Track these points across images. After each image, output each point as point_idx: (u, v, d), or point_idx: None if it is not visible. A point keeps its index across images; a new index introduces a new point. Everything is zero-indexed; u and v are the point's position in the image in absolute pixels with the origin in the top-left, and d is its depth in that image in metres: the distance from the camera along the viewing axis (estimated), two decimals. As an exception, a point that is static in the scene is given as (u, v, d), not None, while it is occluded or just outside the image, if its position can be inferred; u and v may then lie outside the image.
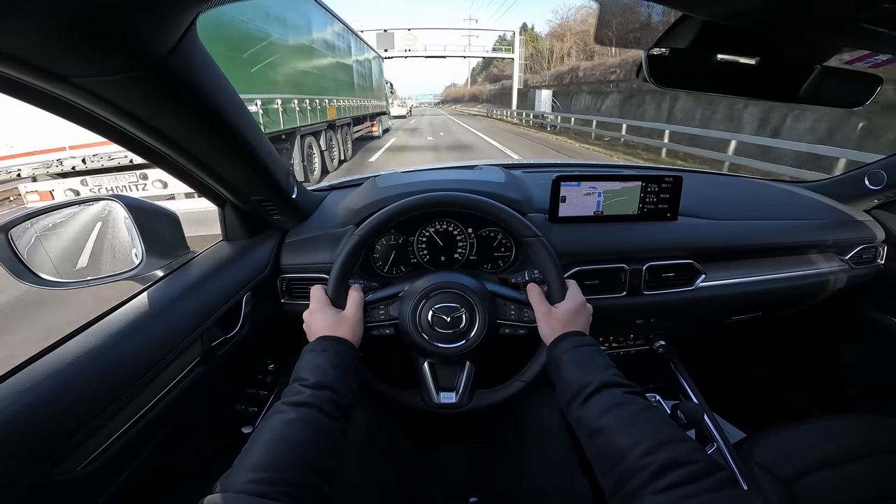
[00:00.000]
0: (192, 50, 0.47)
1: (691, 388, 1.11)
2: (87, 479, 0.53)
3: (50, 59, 0.39)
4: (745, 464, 0.88)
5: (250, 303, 0.85)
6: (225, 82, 0.57)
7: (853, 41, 0.61)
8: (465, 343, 0.75)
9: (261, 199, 0.83)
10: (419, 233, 0.97)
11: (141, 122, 0.52)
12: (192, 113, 0.54)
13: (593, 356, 0.63)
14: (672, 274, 0.99)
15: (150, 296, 0.68)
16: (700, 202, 1.10)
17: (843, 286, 1.14)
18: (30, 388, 0.48)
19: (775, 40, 0.66)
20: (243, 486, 0.42)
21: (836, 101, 0.80)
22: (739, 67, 0.73)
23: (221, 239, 0.92)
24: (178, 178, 0.72)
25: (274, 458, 0.46)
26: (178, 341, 0.66)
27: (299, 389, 0.56)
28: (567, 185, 0.96)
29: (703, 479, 0.41)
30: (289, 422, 0.51)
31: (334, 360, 0.62)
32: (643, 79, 0.73)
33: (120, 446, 0.57)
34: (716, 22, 0.59)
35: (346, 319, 0.70)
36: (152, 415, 0.62)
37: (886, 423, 0.96)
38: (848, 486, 0.84)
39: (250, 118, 0.66)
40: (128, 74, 0.43)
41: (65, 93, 0.44)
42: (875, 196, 1.17)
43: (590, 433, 0.54)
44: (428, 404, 0.77)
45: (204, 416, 0.88)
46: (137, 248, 0.77)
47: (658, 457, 0.45)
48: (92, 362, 0.54)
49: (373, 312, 0.78)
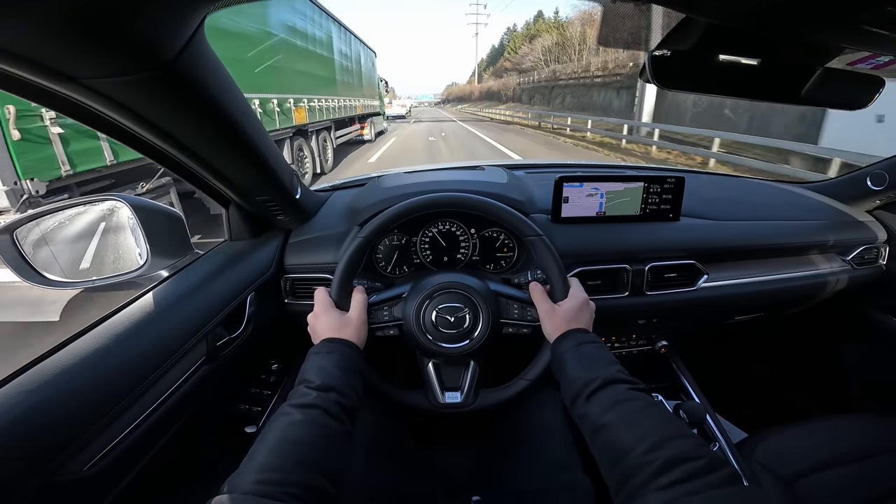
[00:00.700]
0: (200, 51, 0.47)
1: (693, 387, 1.11)
2: (94, 480, 0.53)
3: (61, 61, 0.39)
4: (747, 463, 0.88)
5: (254, 303, 0.85)
6: (232, 84, 0.57)
7: (855, 43, 0.61)
8: (469, 343, 0.75)
9: (265, 200, 0.84)
10: (422, 233, 0.98)
11: (148, 122, 0.53)
12: (200, 114, 0.55)
13: (597, 353, 0.64)
14: (674, 274, 1.00)
15: (155, 296, 0.69)
16: (702, 203, 1.10)
17: (844, 287, 1.14)
18: (37, 388, 0.49)
19: (777, 42, 0.66)
20: (250, 486, 0.42)
21: (838, 103, 0.80)
22: (742, 69, 0.74)
23: (225, 239, 0.92)
24: (183, 178, 0.73)
25: (280, 459, 0.46)
26: (184, 341, 0.66)
27: (305, 391, 0.56)
28: (569, 186, 0.96)
29: (706, 475, 0.42)
30: (294, 423, 0.51)
31: (339, 362, 0.62)
32: (646, 80, 0.74)
33: (126, 446, 0.57)
34: (719, 24, 0.60)
35: (351, 321, 0.70)
36: (157, 415, 0.62)
37: (888, 423, 0.96)
38: (850, 486, 0.84)
39: (256, 119, 0.66)
40: (137, 76, 0.43)
41: (74, 93, 0.44)
42: (877, 197, 1.17)
43: (594, 430, 0.54)
44: (433, 404, 0.77)
45: (208, 416, 0.89)
46: (142, 248, 0.77)
47: (662, 453, 0.45)
48: (98, 362, 0.55)
49: (376, 313, 0.78)
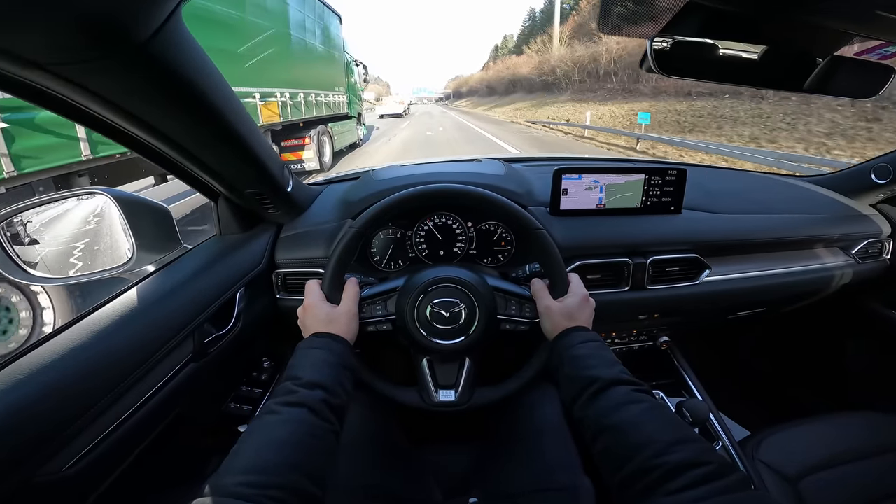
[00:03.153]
0: (175, 36, 0.45)
1: (695, 384, 1.09)
2: (73, 480, 0.51)
3: (22, 45, 0.37)
4: (751, 462, 0.87)
5: (244, 298, 0.83)
6: (214, 72, 0.55)
7: (865, 30, 0.59)
8: (465, 339, 0.74)
9: (255, 193, 0.82)
10: (417, 227, 0.96)
11: (124, 111, 0.50)
12: (177, 103, 0.52)
13: (598, 352, 0.62)
14: (676, 268, 0.98)
15: (140, 291, 0.67)
16: (704, 196, 1.08)
17: (848, 281, 1.13)
18: (12, 386, 0.47)
19: (784, 29, 0.64)
20: (231, 489, 0.41)
21: (844, 92, 0.78)
22: (746, 56, 0.71)
23: (214, 233, 0.90)
24: (168, 171, 0.70)
25: (262, 460, 0.45)
26: (169, 338, 0.64)
27: (291, 388, 0.54)
28: (568, 178, 0.94)
29: (716, 481, 0.41)
30: (278, 422, 0.50)
31: (327, 357, 0.61)
32: (647, 68, 0.72)
33: (107, 446, 0.55)
34: (723, 9, 0.57)
35: (341, 315, 0.68)
36: (141, 414, 0.60)
37: (892, 420, 0.95)
38: (854, 484, 0.83)
39: (242, 109, 0.64)
40: (105, 61, 0.40)
41: (42, 80, 0.42)
42: (881, 190, 1.16)
43: (596, 432, 0.53)
44: (427, 403, 0.75)
45: (197, 415, 0.87)
46: (129, 242, 0.76)
47: (670, 458, 0.44)
48: (78, 360, 0.53)
49: (370, 308, 0.76)
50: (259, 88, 5.12)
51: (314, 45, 6.96)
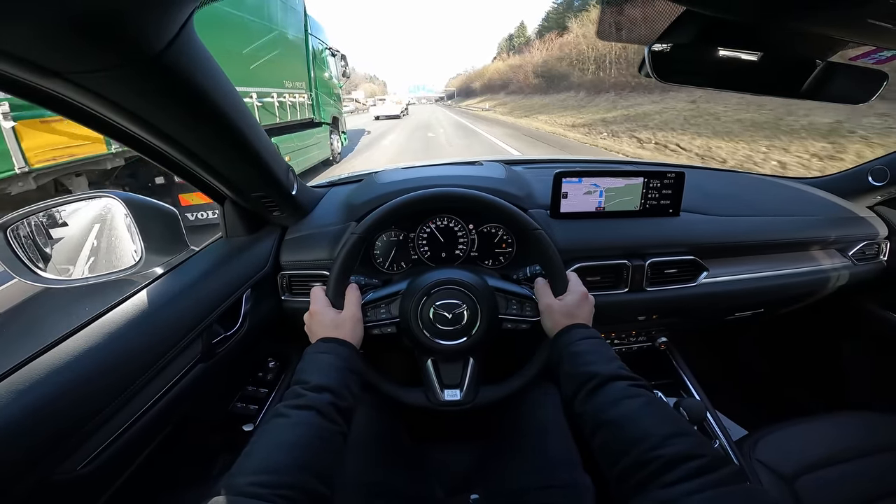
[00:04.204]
0: (188, 46, 0.46)
1: (693, 384, 1.10)
2: (88, 479, 0.53)
3: (44, 56, 0.38)
4: (747, 461, 0.88)
5: (250, 300, 0.84)
6: (224, 79, 0.56)
7: (857, 36, 0.60)
8: (468, 339, 0.75)
9: (261, 196, 0.83)
10: (420, 229, 0.97)
11: (137, 117, 0.52)
12: (189, 109, 0.54)
13: (597, 348, 0.64)
14: (674, 270, 0.99)
15: (150, 293, 0.68)
16: (702, 198, 1.09)
17: (845, 283, 1.14)
18: (28, 387, 0.48)
19: (779, 35, 0.65)
20: (244, 488, 0.43)
21: (839, 97, 0.79)
22: (742, 63, 0.73)
23: (221, 236, 0.92)
24: (177, 174, 0.72)
25: (273, 461, 0.46)
26: (179, 339, 0.66)
27: (299, 392, 0.56)
28: (568, 182, 0.95)
29: (710, 474, 0.42)
30: (288, 425, 0.51)
31: (334, 361, 0.62)
32: (646, 74, 0.73)
33: (120, 445, 0.57)
34: (719, 17, 0.59)
35: (346, 320, 0.70)
36: (152, 413, 0.61)
37: (889, 420, 0.96)
38: (850, 483, 0.84)
39: (249, 115, 0.65)
40: (123, 70, 0.42)
41: (59, 89, 0.43)
42: (878, 192, 1.17)
43: (595, 426, 0.54)
44: (433, 402, 0.77)
45: (205, 415, 0.88)
46: (137, 245, 0.77)
47: (665, 451, 0.45)
48: (91, 361, 0.54)
49: (374, 312, 0.77)
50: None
51: (235, 15, 4.35)
